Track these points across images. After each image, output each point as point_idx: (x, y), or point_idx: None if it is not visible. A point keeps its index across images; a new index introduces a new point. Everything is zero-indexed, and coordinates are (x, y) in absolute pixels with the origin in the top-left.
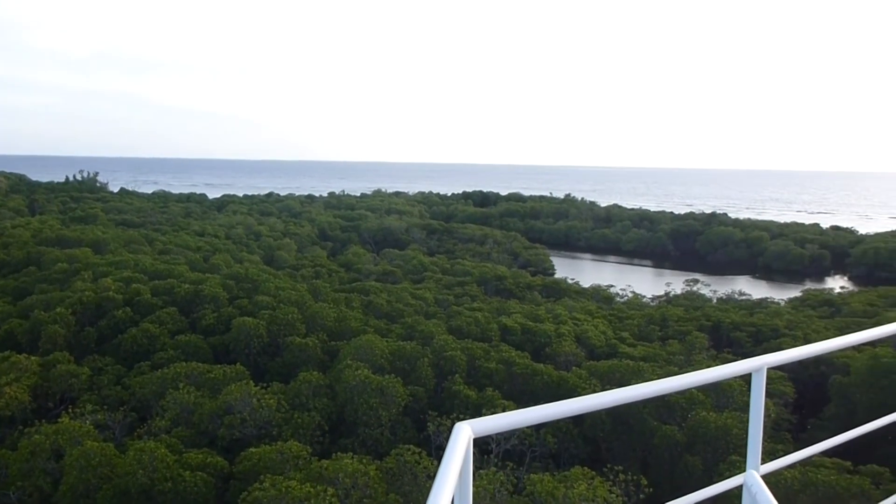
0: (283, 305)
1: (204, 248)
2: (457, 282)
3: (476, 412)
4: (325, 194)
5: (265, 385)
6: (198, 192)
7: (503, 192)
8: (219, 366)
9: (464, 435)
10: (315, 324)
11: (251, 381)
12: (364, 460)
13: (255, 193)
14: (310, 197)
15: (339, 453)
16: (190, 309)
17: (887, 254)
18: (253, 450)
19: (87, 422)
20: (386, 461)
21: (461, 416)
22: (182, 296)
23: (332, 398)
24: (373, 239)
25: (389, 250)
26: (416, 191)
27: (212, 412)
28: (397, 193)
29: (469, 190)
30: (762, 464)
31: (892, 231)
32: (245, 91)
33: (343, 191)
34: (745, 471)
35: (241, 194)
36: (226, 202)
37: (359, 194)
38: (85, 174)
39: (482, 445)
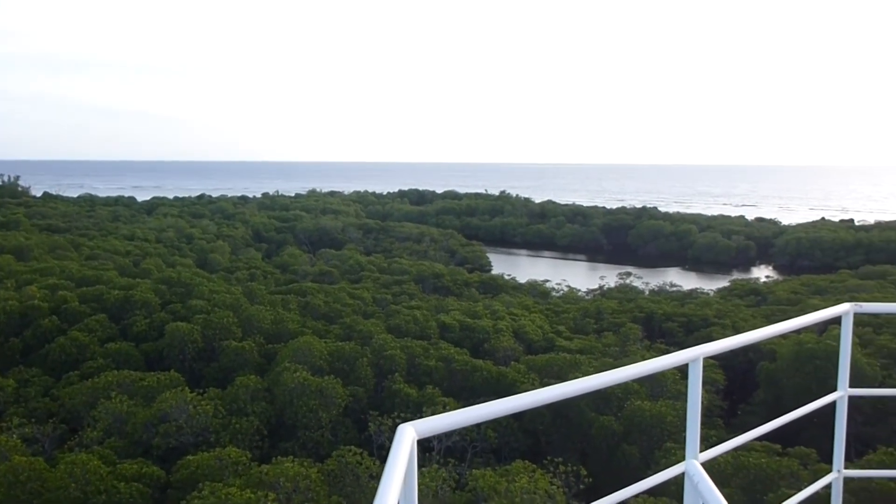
0: (218, 309)
1: (134, 252)
2: (394, 280)
3: (417, 410)
4: (258, 195)
5: (201, 391)
6: (126, 195)
7: (439, 190)
8: (152, 373)
9: (407, 437)
10: (251, 327)
11: (186, 388)
12: (305, 463)
13: (186, 195)
14: (243, 198)
15: (279, 457)
16: (120, 315)
17: (808, 243)
18: (190, 457)
19: (14, 436)
20: (327, 463)
21: (402, 415)
22: (112, 302)
23: (270, 402)
24: (308, 239)
25: (326, 250)
26: (352, 190)
27: (146, 421)
28: (332, 193)
29: (405, 188)
30: (700, 452)
31: (812, 222)
32: (172, 89)
33: (277, 191)
34: (682, 459)
35: (171, 196)
36: (156, 205)
37: (293, 195)
38: (5, 178)
39: (424, 443)
